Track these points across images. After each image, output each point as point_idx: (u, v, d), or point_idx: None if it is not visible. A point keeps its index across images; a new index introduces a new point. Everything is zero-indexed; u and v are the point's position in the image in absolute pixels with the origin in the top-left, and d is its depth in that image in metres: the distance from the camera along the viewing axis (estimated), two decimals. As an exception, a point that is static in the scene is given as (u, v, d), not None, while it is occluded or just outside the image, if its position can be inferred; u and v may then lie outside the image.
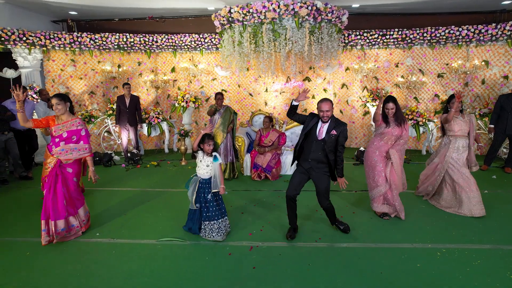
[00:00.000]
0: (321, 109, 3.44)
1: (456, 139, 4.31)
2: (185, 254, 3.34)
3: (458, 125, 4.28)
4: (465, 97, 7.35)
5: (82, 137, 3.69)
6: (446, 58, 7.37)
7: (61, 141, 3.60)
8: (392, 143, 4.09)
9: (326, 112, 3.42)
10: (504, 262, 3.09)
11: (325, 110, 3.42)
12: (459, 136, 4.30)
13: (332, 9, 5.83)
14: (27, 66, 7.10)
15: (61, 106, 3.58)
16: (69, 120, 3.64)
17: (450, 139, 4.36)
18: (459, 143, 4.29)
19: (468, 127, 4.29)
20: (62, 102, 3.58)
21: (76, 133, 3.65)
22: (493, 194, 4.89)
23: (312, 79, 8.07)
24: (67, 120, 3.63)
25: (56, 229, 3.53)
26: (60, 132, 3.60)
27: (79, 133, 3.67)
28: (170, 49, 7.85)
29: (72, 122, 3.65)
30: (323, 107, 3.43)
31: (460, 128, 4.27)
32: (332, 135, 3.44)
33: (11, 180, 5.81)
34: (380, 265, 3.08)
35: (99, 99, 7.86)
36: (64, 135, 3.59)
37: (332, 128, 3.45)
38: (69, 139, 3.62)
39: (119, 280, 2.91)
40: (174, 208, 4.46)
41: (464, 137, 4.31)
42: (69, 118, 3.66)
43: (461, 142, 4.30)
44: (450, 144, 4.35)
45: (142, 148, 7.91)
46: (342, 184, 3.57)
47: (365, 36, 7.40)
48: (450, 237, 3.60)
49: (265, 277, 2.93)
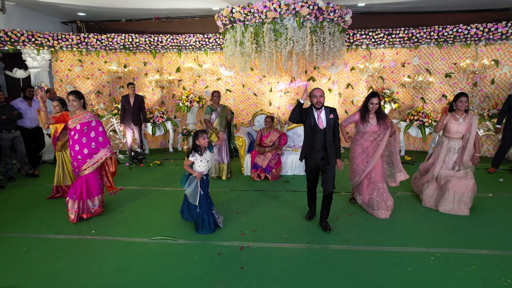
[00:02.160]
0: (314, 95, 3.61)
1: (449, 140, 4.28)
2: (176, 252, 3.36)
3: (455, 128, 4.19)
4: (474, 97, 7.15)
5: (93, 128, 4.10)
6: (454, 57, 7.18)
7: (76, 133, 4.04)
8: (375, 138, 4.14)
9: (320, 97, 3.60)
10: (500, 268, 2.99)
11: (318, 95, 3.60)
12: (454, 138, 4.25)
13: (335, 8, 5.77)
14: (36, 66, 7.29)
15: (77, 102, 4.06)
16: (80, 114, 4.11)
17: (443, 140, 4.35)
18: (451, 145, 4.26)
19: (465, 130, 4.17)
20: (77, 99, 4.07)
21: (87, 124, 4.08)
22: (497, 198, 4.74)
23: (317, 79, 8.00)
24: (80, 113, 4.11)
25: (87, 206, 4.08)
26: (74, 125, 4.07)
27: (90, 124, 4.10)
28: (175, 49, 7.92)
29: (84, 115, 4.11)
30: (316, 92, 3.62)
31: (456, 130, 4.19)
32: (331, 120, 3.66)
33: (18, 177, 5.97)
34: (370, 269, 3.03)
35: (106, 99, 8.00)
36: (78, 127, 4.05)
37: (329, 113, 3.66)
38: (81, 130, 4.04)
39: (108, 277, 2.95)
40: (171, 207, 4.50)
41: (458, 140, 4.25)
42: (81, 112, 4.12)
43: (453, 143, 4.26)
44: (443, 144, 4.33)
45: (147, 147, 8.01)
46: (340, 166, 3.73)
47: (371, 36, 7.29)
48: (447, 241, 3.51)
49: (251, 278, 2.92)
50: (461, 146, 4.23)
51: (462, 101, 4.11)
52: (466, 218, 4.05)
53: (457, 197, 4.13)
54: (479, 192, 4.83)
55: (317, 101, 3.60)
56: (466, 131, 4.17)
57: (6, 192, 5.25)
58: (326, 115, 3.66)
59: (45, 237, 3.71)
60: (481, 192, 4.86)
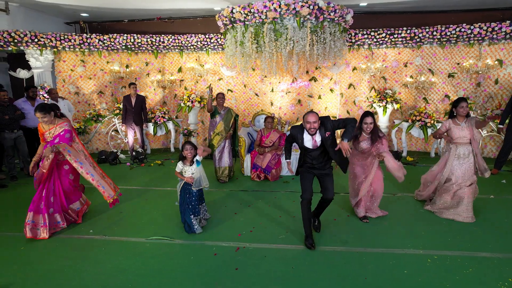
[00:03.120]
0: (308, 121, 3.28)
1: (457, 146, 4.14)
2: (172, 253, 3.37)
3: (458, 132, 4.09)
4: (477, 97, 7.07)
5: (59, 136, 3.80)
6: (457, 57, 7.11)
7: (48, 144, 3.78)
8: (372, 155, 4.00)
9: (313, 123, 3.27)
10: (498, 271, 2.95)
11: (311, 121, 3.27)
12: (460, 143, 4.12)
13: (335, 8, 5.74)
14: (39, 66, 7.37)
15: (47, 118, 3.75)
16: (53, 127, 3.83)
17: (451, 146, 4.20)
18: (459, 151, 4.12)
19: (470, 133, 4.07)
20: (46, 115, 3.74)
21: (59, 136, 3.81)
22: (499, 200, 4.68)
23: (318, 79, 7.97)
24: (54, 126, 3.84)
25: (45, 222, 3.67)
26: (49, 139, 3.82)
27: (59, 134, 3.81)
28: (177, 49, 7.94)
29: (56, 128, 3.83)
30: (310, 118, 3.27)
31: (460, 136, 4.08)
32: (328, 137, 3.36)
33: (21, 176, 6.03)
34: (366, 271, 3.00)
35: (108, 99, 8.05)
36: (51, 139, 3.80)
37: (324, 132, 3.34)
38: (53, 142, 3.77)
39: (105, 277, 2.97)
40: (170, 207, 4.51)
41: (466, 144, 4.11)
42: (57, 123, 3.84)
43: (461, 149, 4.11)
44: (450, 151, 4.19)
45: (148, 147, 8.05)
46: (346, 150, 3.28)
47: (373, 35, 7.24)
48: (445, 244, 3.47)
49: (245, 278, 2.91)
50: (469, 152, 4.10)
51: (463, 107, 4.02)
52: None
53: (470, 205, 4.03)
54: (481, 194, 4.78)
55: (311, 127, 3.30)
56: (471, 135, 4.08)
57: (8, 191, 5.31)
58: (321, 135, 3.36)
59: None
60: (483, 194, 4.80)
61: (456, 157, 4.14)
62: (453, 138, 4.13)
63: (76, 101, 7.87)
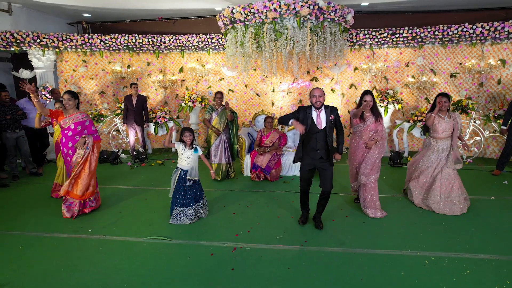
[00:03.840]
0: (314, 94, 3.56)
1: (437, 141, 4.28)
2: (169, 253, 3.38)
3: (442, 126, 4.21)
4: (480, 97, 7.01)
5: (87, 127, 4.27)
6: (460, 57, 7.06)
7: (70, 131, 4.19)
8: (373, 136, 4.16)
9: (319, 97, 3.54)
10: (496, 274, 2.93)
11: (317, 95, 3.54)
12: (442, 138, 4.25)
13: (335, 8, 5.72)
14: (41, 67, 7.42)
15: (72, 102, 4.22)
16: (74, 114, 4.26)
17: (431, 141, 4.34)
18: (439, 145, 4.27)
19: (452, 128, 4.21)
20: (73, 99, 4.23)
21: (81, 123, 4.25)
22: (500, 200, 4.63)
23: (319, 79, 7.95)
24: (73, 113, 4.25)
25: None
26: (68, 125, 4.21)
27: (84, 123, 4.28)
28: (178, 49, 7.95)
29: (77, 115, 4.27)
30: (316, 92, 3.56)
31: (445, 130, 4.21)
32: (331, 121, 3.60)
33: (23, 176, 6.08)
34: (362, 272, 2.99)
35: (110, 99, 8.09)
36: (72, 126, 4.21)
37: (329, 114, 3.61)
38: (75, 129, 4.21)
39: (100, 276, 2.98)
40: (168, 206, 4.49)
41: (447, 139, 4.26)
42: (75, 112, 4.27)
43: (442, 144, 4.26)
44: (430, 145, 4.34)
45: (150, 147, 8.08)
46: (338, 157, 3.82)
47: (374, 35, 7.20)
48: (443, 245, 3.44)
49: (241, 279, 2.91)
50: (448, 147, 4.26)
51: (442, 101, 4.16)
52: (466, 221, 3.98)
53: (443, 196, 4.17)
54: (481, 195, 4.76)
55: (317, 101, 3.55)
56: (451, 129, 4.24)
57: (9, 191, 5.35)
58: (326, 115, 3.61)
59: (43, 235, 3.76)
60: (483, 195, 4.77)
61: (436, 151, 4.29)
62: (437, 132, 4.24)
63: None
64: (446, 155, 4.25)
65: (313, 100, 3.58)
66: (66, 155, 4.23)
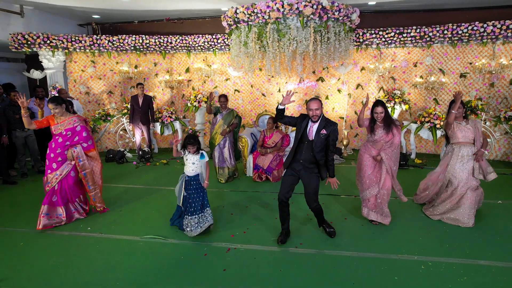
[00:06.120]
0: (310, 108, 3.37)
1: (460, 147, 4.00)
2: (163, 252, 3.40)
3: (461, 132, 3.97)
4: (491, 98, 6.81)
5: (77, 133, 4.08)
6: (470, 56, 6.86)
7: (60, 137, 4.05)
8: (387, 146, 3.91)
9: (315, 110, 3.35)
10: (494, 281, 2.83)
11: (314, 108, 3.35)
12: (463, 143, 3.98)
13: (340, 7, 5.65)
14: (51, 67, 7.60)
15: (58, 109, 4.01)
16: (66, 119, 4.04)
17: (454, 147, 4.05)
18: (463, 152, 3.97)
19: (473, 134, 3.96)
20: (59, 107, 4.01)
21: (71, 130, 4.09)
22: (507, 205, 4.48)
23: (326, 79, 7.88)
24: (65, 119, 4.07)
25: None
26: (59, 131, 4.06)
27: (75, 129, 4.07)
28: (184, 50, 8.01)
29: (69, 121, 4.05)
30: (312, 105, 3.36)
31: (464, 135, 3.96)
32: (322, 135, 3.38)
33: (31, 174, 6.24)
34: (355, 276, 2.94)
35: (117, 99, 8.22)
36: (63, 132, 4.05)
37: (322, 128, 3.39)
38: (66, 135, 4.01)
39: (94, 274, 3.03)
40: (169, 206, 4.55)
41: (469, 145, 3.98)
42: (66, 117, 4.06)
43: (465, 150, 3.97)
44: (453, 152, 4.04)
45: (156, 147, 8.16)
46: (334, 184, 3.50)
47: (381, 35, 7.09)
48: (442, 250, 3.36)
49: (231, 280, 2.91)
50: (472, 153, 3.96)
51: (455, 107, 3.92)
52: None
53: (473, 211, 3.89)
54: (489, 199, 4.60)
55: (313, 114, 3.35)
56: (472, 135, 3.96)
57: (17, 188, 5.50)
58: (319, 128, 3.38)
59: (43, 232, 3.85)
60: (490, 199, 4.62)
61: (460, 158, 3.99)
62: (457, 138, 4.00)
63: (87, 101, 8.07)
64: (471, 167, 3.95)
65: (309, 113, 3.38)
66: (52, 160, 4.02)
